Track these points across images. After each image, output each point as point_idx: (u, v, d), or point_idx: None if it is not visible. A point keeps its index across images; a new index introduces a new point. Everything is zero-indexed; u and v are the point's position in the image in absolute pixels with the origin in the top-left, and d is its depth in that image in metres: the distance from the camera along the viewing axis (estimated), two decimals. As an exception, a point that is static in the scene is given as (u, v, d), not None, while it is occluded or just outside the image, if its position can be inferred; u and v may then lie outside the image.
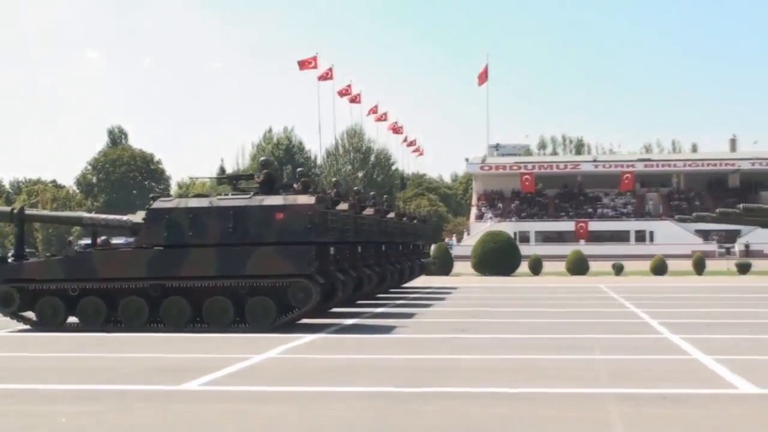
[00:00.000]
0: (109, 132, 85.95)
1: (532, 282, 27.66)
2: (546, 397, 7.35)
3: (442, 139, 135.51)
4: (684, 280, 28.38)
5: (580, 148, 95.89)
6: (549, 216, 66.43)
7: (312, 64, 60.13)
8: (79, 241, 23.35)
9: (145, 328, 13.02)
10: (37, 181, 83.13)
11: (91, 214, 16.55)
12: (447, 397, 7.35)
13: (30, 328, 13.64)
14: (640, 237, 61.19)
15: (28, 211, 16.32)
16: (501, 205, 68.60)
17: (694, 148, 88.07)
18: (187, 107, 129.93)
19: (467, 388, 7.73)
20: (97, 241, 14.84)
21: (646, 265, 33.37)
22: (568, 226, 62.74)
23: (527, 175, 66.15)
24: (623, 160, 68.89)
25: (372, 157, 69.31)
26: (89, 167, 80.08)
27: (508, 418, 6.58)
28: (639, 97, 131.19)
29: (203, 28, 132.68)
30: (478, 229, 57.05)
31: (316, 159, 69.40)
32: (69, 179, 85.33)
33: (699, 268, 32.53)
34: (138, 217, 13.89)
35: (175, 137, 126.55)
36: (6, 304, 13.52)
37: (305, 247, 12.46)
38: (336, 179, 28.00)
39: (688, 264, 33.87)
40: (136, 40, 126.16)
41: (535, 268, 32.94)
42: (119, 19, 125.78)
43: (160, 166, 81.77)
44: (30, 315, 13.71)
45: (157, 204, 13.26)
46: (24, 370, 9.54)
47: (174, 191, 47.89)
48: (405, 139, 71.18)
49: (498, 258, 32.12)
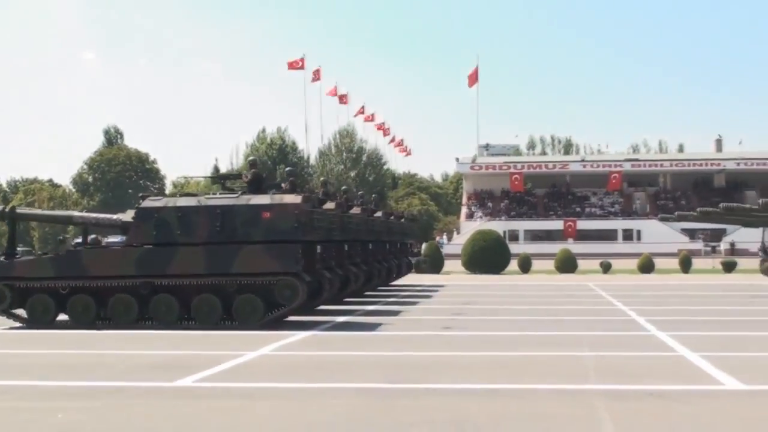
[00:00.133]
0: (105, 132, 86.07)
1: (522, 280, 27.83)
2: (535, 393, 7.45)
3: (432, 139, 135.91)
4: (670, 278, 28.65)
5: (568, 148, 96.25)
6: (538, 215, 66.71)
7: (300, 64, 60.21)
8: (75, 239, 23.38)
9: (134, 325, 13.09)
10: (34, 181, 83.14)
11: (81, 213, 16.59)
12: (438, 394, 7.45)
13: (21, 325, 13.68)
14: (628, 236, 61.55)
15: (20, 210, 16.38)
16: (491, 204, 68.78)
17: (681, 149, 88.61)
18: (182, 107, 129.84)
19: (458, 385, 7.84)
20: (87, 239, 14.88)
21: (634, 263, 33.69)
22: (556, 224, 63.05)
23: (517, 175, 66.44)
24: (611, 160, 69.18)
25: (364, 157, 69.31)
26: (85, 167, 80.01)
27: (498, 413, 6.68)
28: (626, 98, 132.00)
29: (198, 30, 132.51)
30: (469, 227, 57.21)
31: (308, 159, 69.37)
32: (65, 179, 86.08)
33: (685, 266, 32.87)
34: (128, 216, 13.94)
35: (170, 137, 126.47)
36: (-3, 301, 13.52)
37: (292, 245, 12.58)
38: (324, 179, 28.07)
39: (674, 262, 34.16)
40: (132, 42, 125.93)
41: (525, 266, 33.18)
42: (115, 21, 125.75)
43: (155, 166, 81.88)
44: (21, 313, 13.74)
45: (147, 203, 13.32)
46: (19, 366, 9.57)
47: (169, 190, 47.92)
48: (392, 139, 71.32)
49: (488, 256, 32.34)
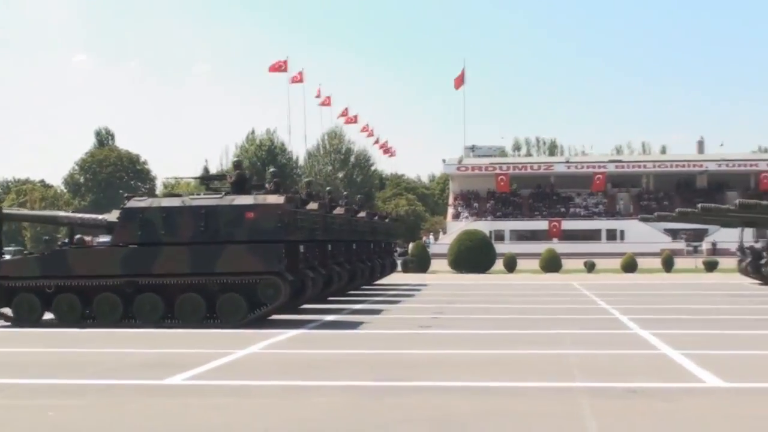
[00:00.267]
0: (96, 133, 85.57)
1: (507, 279, 28.00)
2: (519, 390, 7.57)
3: (420, 141, 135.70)
4: (653, 277, 28.94)
5: (553, 149, 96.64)
6: (523, 215, 67.00)
7: (282, 67, 60.25)
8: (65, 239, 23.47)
9: (119, 323, 13.14)
10: (26, 181, 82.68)
11: (67, 213, 16.60)
12: (424, 391, 7.56)
13: (7, 324, 13.65)
14: (611, 236, 61.96)
15: (6, 210, 16.40)
16: (477, 204, 69.00)
17: (663, 150, 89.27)
18: (172, 109, 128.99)
19: (443, 382, 7.94)
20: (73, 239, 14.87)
21: (617, 262, 33.98)
22: (541, 225, 63.40)
23: (502, 176, 66.73)
24: (595, 162, 69.57)
25: (352, 158, 69.37)
26: (77, 167, 79.73)
27: (482, 410, 6.78)
28: (610, 101, 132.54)
29: (189, 31, 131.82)
30: (455, 227, 57.35)
31: (297, 160, 69.34)
32: (57, 179, 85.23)
33: (668, 265, 33.22)
34: (113, 216, 13.97)
35: (161, 138, 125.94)
36: (-17, 300, 13.49)
37: (275, 245, 12.69)
38: (309, 179, 28.12)
39: (657, 262, 34.49)
40: (124, 43, 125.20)
41: (510, 265, 33.39)
42: (107, 23, 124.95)
43: (146, 167, 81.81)
44: (7, 311, 13.72)
45: (131, 203, 13.36)
46: (8, 364, 9.58)
47: (160, 191, 47.91)
48: (376, 141, 71.49)
49: (474, 256, 32.50)
